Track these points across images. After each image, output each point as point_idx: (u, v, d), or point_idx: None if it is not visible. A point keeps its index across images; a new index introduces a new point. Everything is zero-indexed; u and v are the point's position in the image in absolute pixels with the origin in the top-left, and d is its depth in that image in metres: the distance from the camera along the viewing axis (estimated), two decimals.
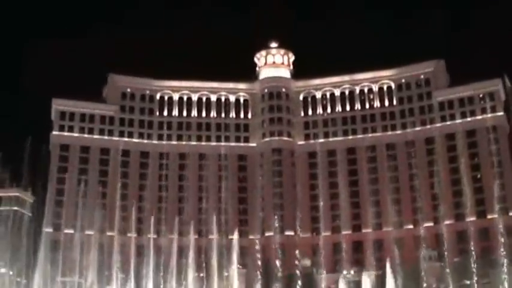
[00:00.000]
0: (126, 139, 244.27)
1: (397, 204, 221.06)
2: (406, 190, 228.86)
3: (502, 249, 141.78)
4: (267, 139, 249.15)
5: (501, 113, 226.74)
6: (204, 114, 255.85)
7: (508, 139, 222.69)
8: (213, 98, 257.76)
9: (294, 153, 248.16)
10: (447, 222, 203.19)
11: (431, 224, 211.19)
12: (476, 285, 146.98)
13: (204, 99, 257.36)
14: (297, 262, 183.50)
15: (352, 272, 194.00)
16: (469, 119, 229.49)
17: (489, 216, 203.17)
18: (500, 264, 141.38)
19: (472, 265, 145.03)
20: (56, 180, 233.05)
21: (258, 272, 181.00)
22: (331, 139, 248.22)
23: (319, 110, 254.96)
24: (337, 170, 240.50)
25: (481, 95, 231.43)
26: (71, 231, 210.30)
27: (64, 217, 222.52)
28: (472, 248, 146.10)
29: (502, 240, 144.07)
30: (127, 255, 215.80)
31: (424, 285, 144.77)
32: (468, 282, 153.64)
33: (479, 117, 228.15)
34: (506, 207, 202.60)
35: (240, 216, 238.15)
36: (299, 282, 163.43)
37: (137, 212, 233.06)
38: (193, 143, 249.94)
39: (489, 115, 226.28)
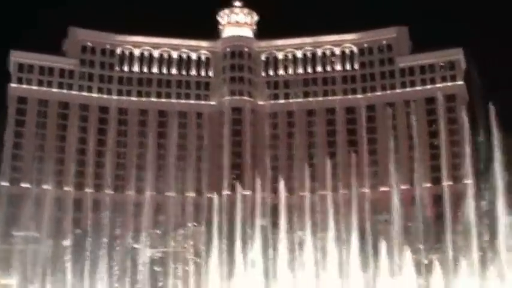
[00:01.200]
0: (85, 93, 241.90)
1: (355, 167, 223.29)
2: (364, 154, 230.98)
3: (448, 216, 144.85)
4: (227, 98, 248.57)
5: (461, 82, 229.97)
6: (165, 71, 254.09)
7: (466, 108, 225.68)
8: (175, 54, 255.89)
9: (254, 113, 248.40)
10: (402, 187, 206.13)
11: (386, 188, 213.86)
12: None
13: (165, 55, 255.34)
14: (255, 221, 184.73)
15: (310, 232, 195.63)
16: (429, 86, 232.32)
17: (444, 183, 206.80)
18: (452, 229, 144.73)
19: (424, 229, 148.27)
20: (14, 134, 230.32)
21: (215, 231, 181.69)
22: (291, 100, 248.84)
23: (281, 71, 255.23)
24: (296, 131, 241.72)
25: (442, 64, 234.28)
26: (28, 185, 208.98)
27: (21, 171, 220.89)
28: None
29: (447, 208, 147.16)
30: (84, 211, 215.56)
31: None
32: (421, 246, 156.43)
33: (439, 85, 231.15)
34: (460, 175, 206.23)
35: (198, 174, 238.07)
36: (257, 241, 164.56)
37: (95, 167, 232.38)
38: (153, 99, 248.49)
39: (449, 83, 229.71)
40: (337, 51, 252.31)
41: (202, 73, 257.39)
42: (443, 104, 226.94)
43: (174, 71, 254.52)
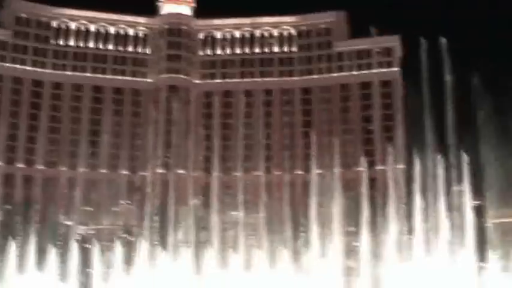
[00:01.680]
0: (18, 66, 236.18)
1: (290, 149, 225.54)
2: (299, 136, 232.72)
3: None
4: (163, 75, 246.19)
5: (396, 69, 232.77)
6: (101, 46, 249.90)
7: (400, 94, 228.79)
8: (112, 30, 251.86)
9: (190, 92, 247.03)
10: (337, 170, 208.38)
11: (320, 171, 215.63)
12: None
13: (102, 30, 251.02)
14: (188, 200, 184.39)
15: (241, 212, 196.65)
16: (365, 71, 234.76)
17: (378, 167, 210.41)
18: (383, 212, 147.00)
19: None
20: None
21: (147, 209, 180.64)
22: (228, 80, 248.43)
23: (219, 51, 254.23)
24: (233, 111, 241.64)
25: (378, 50, 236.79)
26: None
27: None
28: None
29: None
30: (14, 186, 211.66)
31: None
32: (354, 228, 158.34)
33: (375, 70, 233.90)
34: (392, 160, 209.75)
35: (132, 152, 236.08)
36: (189, 220, 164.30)
37: (26, 142, 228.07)
38: (89, 74, 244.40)
39: (385, 70, 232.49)
40: (276, 32, 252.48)
41: (140, 50, 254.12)
42: (378, 90, 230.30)
43: (110, 46, 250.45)
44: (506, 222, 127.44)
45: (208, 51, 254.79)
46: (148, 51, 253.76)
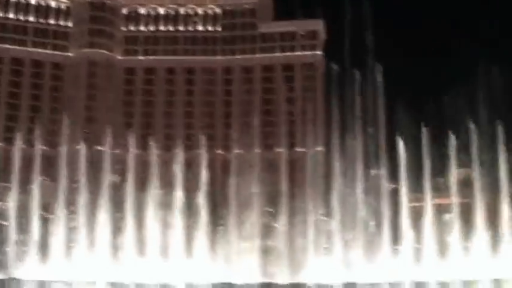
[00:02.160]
0: None
1: (210, 129, 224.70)
2: (220, 116, 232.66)
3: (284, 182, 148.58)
4: (85, 50, 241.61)
5: (319, 52, 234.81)
6: (21, 17, 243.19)
7: (322, 78, 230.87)
8: (33, 1, 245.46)
9: (112, 68, 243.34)
10: (257, 150, 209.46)
11: (241, 151, 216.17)
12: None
13: (23, 1, 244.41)
14: (105, 177, 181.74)
15: (160, 191, 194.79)
16: (288, 53, 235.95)
17: (298, 149, 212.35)
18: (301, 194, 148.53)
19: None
20: None
21: (64, 185, 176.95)
22: (151, 57, 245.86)
23: (142, 27, 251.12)
24: (155, 88, 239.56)
25: (302, 33, 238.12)
26: None
27: None
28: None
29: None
30: None
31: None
32: (272, 209, 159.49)
33: (298, 53, 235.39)
34: (313, 142, 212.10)
35: (51, 127, 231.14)
36: (106, 197, 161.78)
37: None
38: (8, 46, 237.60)
39: (308, 53, 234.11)
40: (200, 11, 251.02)
41: (61, 23, 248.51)
42: (301, 72, 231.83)
43: (31, 18, 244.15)
44: (418, 206, 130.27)
45: (132, 27, 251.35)
46: (70, 24, 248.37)
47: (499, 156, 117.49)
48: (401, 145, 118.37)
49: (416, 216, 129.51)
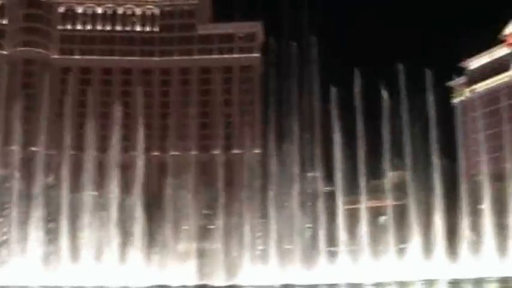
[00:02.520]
0: None
1: (148, 130, 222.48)
2: (158, 117, 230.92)
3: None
4: (20, 48, 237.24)
5: (257, 55, 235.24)
6: None
7: (259, 80, 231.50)
8: None
9: (47, 67, 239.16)
10: (193, 152, 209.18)
11: (178, 152, 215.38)
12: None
13: None
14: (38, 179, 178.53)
15: (95, 192, 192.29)
16: (226, 56, 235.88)
17: (235, 151, 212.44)
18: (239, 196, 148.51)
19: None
20: None
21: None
22: (87, 57, 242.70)
23: (79, 26, 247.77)
24: (90, 89, 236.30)
25: (241, 35, 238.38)
26: None
27: None
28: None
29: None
30: None
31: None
32: (209, 211, 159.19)
33: (236, 55, 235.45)
34: (250, 144, 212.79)
35: None
36: (40, 198, 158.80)
37: None
38: None
39: (246, 55, 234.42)
40: (138, 11, 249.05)
41: None
42: (239, 75, 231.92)
43: None
44: (354, 208, 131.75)
45: (68, 26, 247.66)
46: (6, 22, 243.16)
47: (433, 159, 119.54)
48: (337, 148, 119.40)
49: (352, 218, 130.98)
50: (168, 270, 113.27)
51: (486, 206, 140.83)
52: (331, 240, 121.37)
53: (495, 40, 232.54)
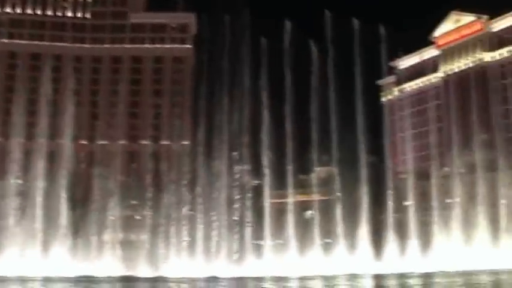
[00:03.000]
0: None
1: (76, 118, 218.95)
2: (87, 104, 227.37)
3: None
4: None
5: (190, 46, 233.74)
6: None
7: (191, 71, 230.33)
8: None
9: None
10: (121, 142, 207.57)
11: (106, 142, 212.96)
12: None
13: None
14: None
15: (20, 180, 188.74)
16: (158, 45, 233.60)
17: (163, 142, 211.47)
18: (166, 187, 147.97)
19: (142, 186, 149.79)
20: None
21: None
22: (16, 41, 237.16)
23: (8, 9, 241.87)
24: (16, 73, 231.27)
25: (173, 25, 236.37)
26: None
27: None
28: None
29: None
30: None
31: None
32: (136, 202, 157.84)
33: (168, 46, 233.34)
34: (179, 136, 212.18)
35: None
36: None
37: None
38: None
39: (178, 46, 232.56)
40: None
41: None
42: (170, 65, 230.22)
43: None
44: (281, 202, 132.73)
45: None
46: None
47: (360, 155, 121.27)
48: (264, 142, 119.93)
49: (279, 212, 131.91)
50: (92, 261, 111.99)
51: (411, 203, 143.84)
52: (258, 234, 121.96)
53: (425, 41, 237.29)
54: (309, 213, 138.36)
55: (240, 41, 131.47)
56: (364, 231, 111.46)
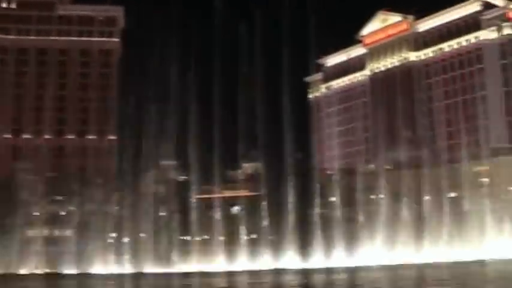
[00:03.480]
0: None
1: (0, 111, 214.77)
2: (12, 98, 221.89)
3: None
4: None
5: (117, 39, 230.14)
6: None
7: (118, 65, 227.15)
8: None
9: None
10: (46, 136, 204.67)
11: (30, 136, 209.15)
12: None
13: None
14: None
15: None
16: (85, 38, 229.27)
17: (89, 137, 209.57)
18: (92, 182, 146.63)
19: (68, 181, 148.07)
20: None
21: None
22: None
23: None
24: None
25: (101, 18, 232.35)
26: None
27: None
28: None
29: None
30: None
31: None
32: (61, 197, 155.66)
33: (95, 39, 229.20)
34: (105, 130, 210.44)
35: None
36: None
37: None
38: None
39: (106, 39, 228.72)
40: None
41: None
42: (97, 59, 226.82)
43: None
44: (208, 198, 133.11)
45: None
46: None
47: (287, 152, 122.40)
48: (192, 138, 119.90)
49: (206, 208, 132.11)
50: (15, 257, 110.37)
51: (336, 199, 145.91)
52: (185, 230, 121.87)
53: (352, 40, 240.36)
54: (235, 208, 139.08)
55: (168, 35, 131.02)
56: (290, 227, 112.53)
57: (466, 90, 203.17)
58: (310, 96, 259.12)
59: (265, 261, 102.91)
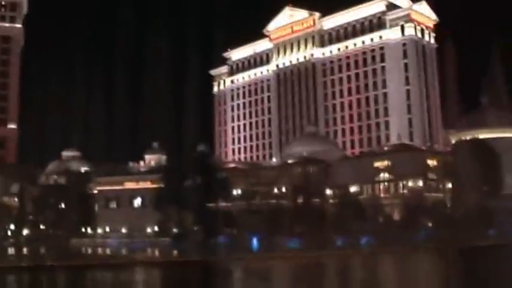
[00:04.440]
0: None
1: None
2: None
3: None
4: None
5: (19, 25, 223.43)
6: None
7: (20, 52, 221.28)
8: None
9: None
10: None
11: None
12: None
13: None
14: None
15: None
16: None
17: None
18: None
19: None
20: None
21: None
22: None
23: None
24: None
25: (3, 3, 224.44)
26: None
27: None
28: None
29: None
30: None
31: None
32: None
33: None
34: (5, 119, 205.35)
35: None
36: None
37: None
38: None
39: (7, 24, 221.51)
40: None
41: None
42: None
43: None
44: (110, 190, 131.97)
45: None
46: None
47: (190, 144, 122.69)
48: (94, 129, 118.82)
49: (108, 200, 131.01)
50: None
51: (239, 192, 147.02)
52: (84, 221, 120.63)
53: (259, 34, 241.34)
54: (138, 200, 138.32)
55: (73, 23, 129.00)
56: (191, 218, 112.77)
57: (368, 87, 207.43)
58: (215, 89, 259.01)
59: (166, 253, 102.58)
